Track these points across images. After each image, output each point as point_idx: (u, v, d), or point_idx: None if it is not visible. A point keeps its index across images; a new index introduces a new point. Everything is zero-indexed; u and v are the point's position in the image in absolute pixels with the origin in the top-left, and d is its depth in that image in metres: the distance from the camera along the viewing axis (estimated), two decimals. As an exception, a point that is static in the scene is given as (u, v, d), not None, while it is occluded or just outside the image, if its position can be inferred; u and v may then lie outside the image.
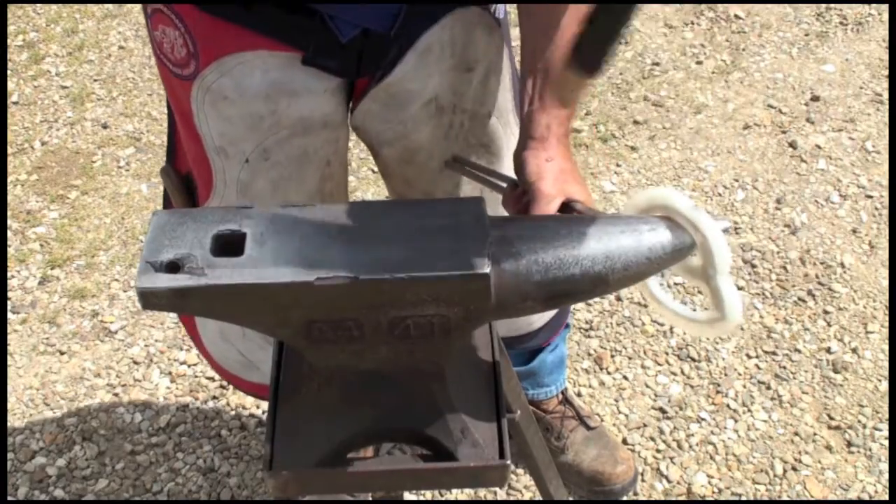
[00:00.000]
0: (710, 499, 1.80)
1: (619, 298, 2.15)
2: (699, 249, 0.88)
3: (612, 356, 2.04)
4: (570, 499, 1.80)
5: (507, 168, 1.35)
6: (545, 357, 1.71)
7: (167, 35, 1.13)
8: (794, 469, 1.83)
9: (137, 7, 3.10)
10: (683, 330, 2.07)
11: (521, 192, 1.07)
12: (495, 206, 1.33)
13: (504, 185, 1.16)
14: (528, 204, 1.03)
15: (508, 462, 0.91)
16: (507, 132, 1.30)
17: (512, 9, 1.22)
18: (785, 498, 1.80)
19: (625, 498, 1.80)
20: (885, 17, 2.97)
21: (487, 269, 0.80)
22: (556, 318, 1.63)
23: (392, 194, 1.42)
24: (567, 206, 1.02)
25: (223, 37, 1.10)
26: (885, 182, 2.42)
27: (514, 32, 1.21)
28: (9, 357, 2.08)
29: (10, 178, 2.54)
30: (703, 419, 1.92)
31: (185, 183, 1.30)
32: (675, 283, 2.18)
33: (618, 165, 2.50)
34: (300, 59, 1.11)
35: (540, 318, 1.59)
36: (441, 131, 1.25)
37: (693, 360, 2.03)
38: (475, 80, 1.22)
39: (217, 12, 1.08)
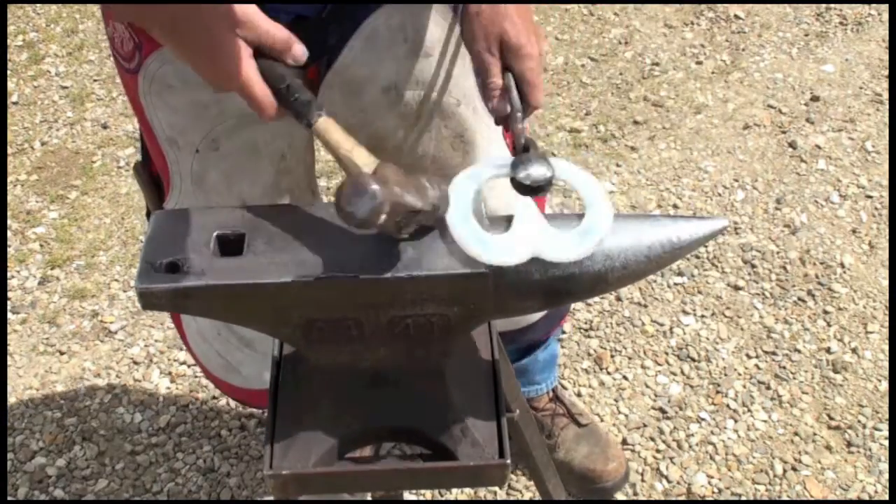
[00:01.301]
0: (710, 499, 1.80)
1: (618, 298, 2.15)
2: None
3: (612, 356, 2.04)
4: (570, 499, 1.80)
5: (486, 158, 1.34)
6: (537, 355, 1.71)
7: (116, 29, 1.15)
8: (793, 469, 1.83)
9: (137, 7, 3.10)
10: (680, 321, 2.07)
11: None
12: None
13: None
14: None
15: (508, 461, 0.91)
16: (476, 119, 1.28)
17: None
18: (785, 498, 1.80)
19: (623, 498, 1.80)
20: (885, 17, 2.97)
21: (487, 269, 0.80)
22: (555, 311, 1.63)
23: None
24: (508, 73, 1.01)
25: None
26: (885, 182, 2.42)
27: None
28: (9, 357, 2.08)
29: (10, 178, 2.54)
30: (702, 419, 1.92)
31: (155, 181, 1.30)
32: (675, 284, 2.18)
33: (618, 165, 2.50)
34: None
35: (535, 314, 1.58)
36: (406, 122, 1.24)
37: (693, 360, 2.03)
38: (436, 67, 1.21)
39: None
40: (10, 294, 2.22)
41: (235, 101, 1.14)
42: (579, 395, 1.97)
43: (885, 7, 2.99)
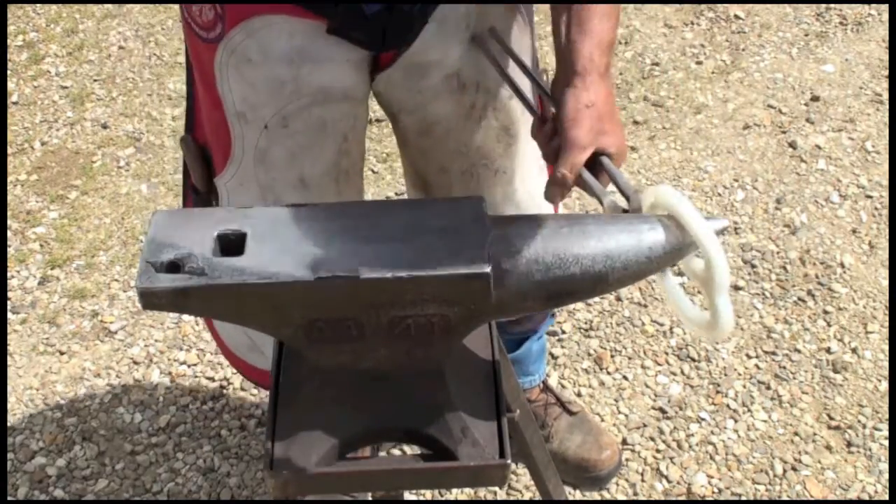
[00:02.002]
0: (710, 499, 1.80)
1: (619, 298, 2.15)
2: (704, 264, 0.88)
3: (612, 356, 2.04)
4: (570, 499, 1.80)
5: (526, 154, 1.35)
6: (531, 345, 1.72)
7: None
8: (793, 469, 1.83)
9: (137, 7, 3.10)
10: (680, 321, 2.08)
11: (551, 130, 1.05)
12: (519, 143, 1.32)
13: (529, 98, 1.17)
14: (559, 147, 1.01)
15: (509, 461, 0.91)
16: (524, 113, 1.30)
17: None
18: (785, 498, 1.80)
19: (623, 497, 1.80)
20: (885, 17, 2.97)
21: (488, 269, 0.80)
22: None
23: (406, 165, 1.43)
24: (597, 161, 1.00)
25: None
26: (885, 182, 2.42)
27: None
28: (9, 357, 2.08)
29: (10, 178, 2.54)
30: (702, 419, 1.92)
31: (202, 152, 1.31)
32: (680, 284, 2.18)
33: (618, 165, 2.50)
34: (325, 28, 1.13)
35: None
36: (462, 110, 1.26)
37: (693, 360, 2.03)
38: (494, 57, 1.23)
39: None
40: (10, 294, 2.22)
41: (311, 79, 1.16)
42: (579, 395, 1.97)
43: (885, 7, 2.99)
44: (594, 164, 1.00)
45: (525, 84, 1.22)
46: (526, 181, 1.39)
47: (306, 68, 1.15)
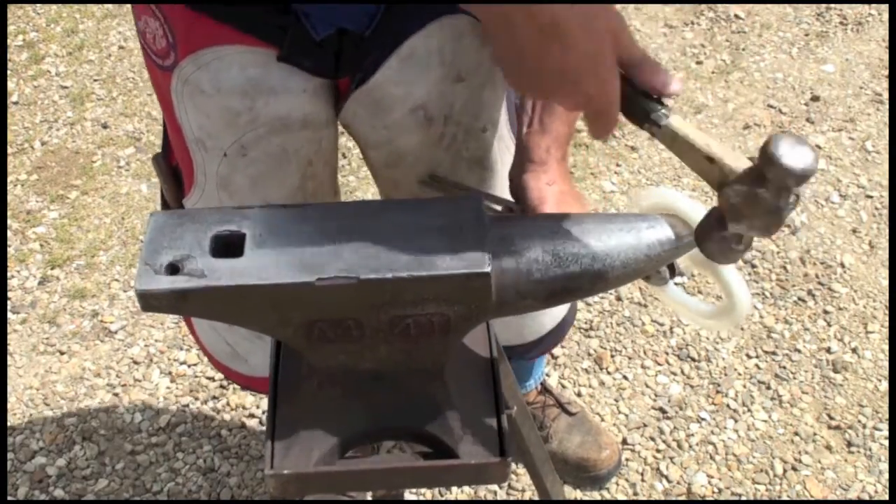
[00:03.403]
0: (710, 499, 1.80)
1: (619, 298, 2.15)
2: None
3: (612, 356, 2.04)
4: (568, 498, 1.80)
5: (502, 186, 1.34)
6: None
7: (149, 25, 1.13)
8: (794, 469, 1.83)
9: (137, 7, 3.10)
10: (696, 325, 2.07)
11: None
12: None
13: (498, 207, 1.15)
14: None
15: (509, 459, 0.91)
16: (500, 146, 1.28)
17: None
18: (785, 498, 1.80)
19: (623, 497, 1.80)
20: (885, 17, 2.97)
21: (488, 268, 0.80)
22: (560, 328, 1.62)
23: (380, 193, 1.41)
24: None
25: (199, 30, 1.09)
26: (885, 182, 2.42)
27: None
28: (9, 357, 2.08)
29: (10, 178, 2.54)
30: (703, 419, 1.92)
31: (174, 173, 1.30)
32: (675, 284, 2.17)
33: (618, 165, 2.50)
34: (276, 56, 1.10)
35: (543, 327, 1.58)
36: (431, 140, 1.22)
37: (693, 360, 2.03)
38: (468, 92, 1.20)
39: (194, 6, 1.08)
40: (10, 294, 2.22)
41: (268, 109, 1.14)
42: (579, 395, 1.97)
43: (885, 7, 2.99)
44: None
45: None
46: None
47: (261, 100, 1.12)
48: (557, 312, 1.57)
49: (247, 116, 1.14)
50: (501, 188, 1.32)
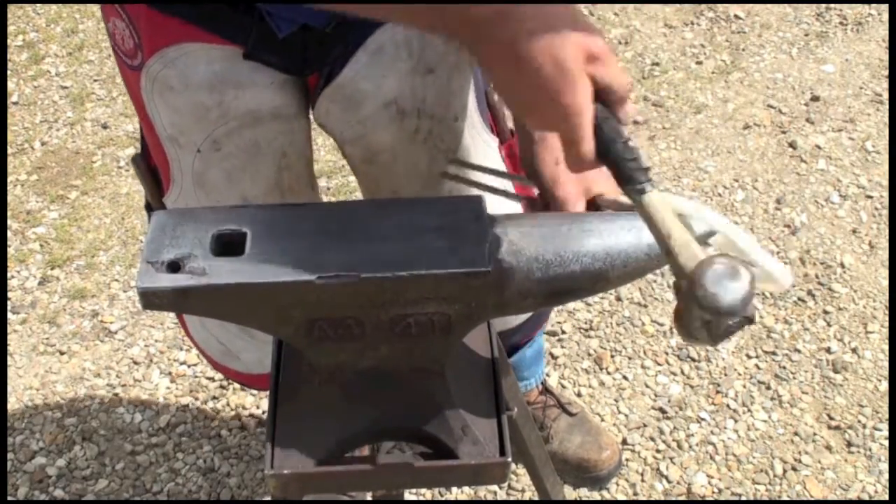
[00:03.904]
0: (710, 499, 1.80)
1: (619, 298, 2.15)
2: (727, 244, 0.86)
3: (612, 356, 2.04)
4: (568, 499, 1.80)
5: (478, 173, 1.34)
6: (525, 352, 1.71)
7: (117, 26, 1.14)
8: (794, 469, 1.83)
9: (137, 7, 3.10)
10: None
11: (542, 204, 1.05)
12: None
13: (509, 192, 1.14)
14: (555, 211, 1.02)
15: (509, 459, 0.91)
16: (472, 134, 1.28)
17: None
18: (785, 498, 1.80)
19: (623, 497, 1.80)
20: (885, 17, 2.97)
21: (488, 267, 0.80)
22: (538, 314, 1.63)
23: (363, 192, 1.41)
24: (594, 204, 1.01)
25: (164, 29, 1.10)
26: (885, 182, 2.42)
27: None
28: (9, 357, 2.08)
29: (10, 179, 2.54)
30: (703, 419, 1.92)
31: (152, 173, 1.30)
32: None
33: (618, 165, 2.50)
34: (241, 53, 1.11)
35: (521, 315, 1.58)
36: (405, 135, 1.23)
37: (693, 360, 2.03)
38: (438, 83, 1.20)
39: (157, 6, 1.09)
40: (10, 294, 2.22)
41: (237, 103, 1.15)
42: (579, 395, 1.97)
43: (885, 7, 2.99)
44: (594, 206, 1.02)
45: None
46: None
47: (230, 94, 1.13)
48: None
49: (217, 111, 1.15)
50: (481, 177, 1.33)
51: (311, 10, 1.08)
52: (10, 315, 2.17)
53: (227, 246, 0.83)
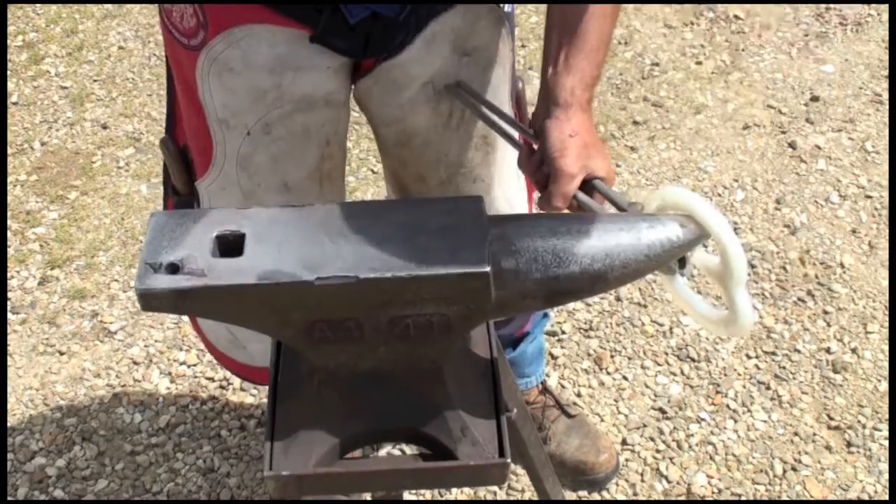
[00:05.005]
0: (710, 499, 1.80)
1: (618, 299, 2.15)
2: (721, 260, 0.88)
3: (612, 356, 2.04)
4: (568, 499, 1.80)
5: (504, 161, 1.35)
6: (525, 348, 1.72)
7: (176, 5, 1.15)
8: (793, 469, 1.83)
9: (137, 7, 3.10)
10: (696, 323, 2.08)
11: (539, 159, 1.06)
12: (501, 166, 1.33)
13: (515, 134, 1.16)
14: (548, 177, 1.02)
15: (508, 460, 0.91)
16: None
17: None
18: (785, 498, 1.80)
19: (623, 497, 1.80)
20: (885, 17, 2.97)
21: (487, 268, 0.80)
22: None
23: (386, 171, 1.43)
24: (588, 184, 1.01)
25: (233, 8, 1.12)
26: (885, 182, 2.42)
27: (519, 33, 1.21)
28: (8, 357, 2.08)
29: (9, 179, 2.54)
30: (702, 419, 1.92)
31: (182, 155, 1.30)
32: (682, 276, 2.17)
33: (618, 166, 2.50)
34: (307, 36, 1.13)
35: None
36: (440, 119, 1.25)
37: (693, 360, 2.03)
38: (474, 68, 1.23)
39: None
40: (10, 294, 2.22)
41: (294, 87, 1.16)
42: (579, 395, 1.97)
43: (885, 7, 2.99)
44: (586, 186, 1.02)
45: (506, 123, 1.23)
46: (504, 188, 1.39)
47: (288, 77, 1.15)
48: None
49: (273, 94, 1.17)
50: (501, 161, 1.35)
51: None
52: (9, 315, 2.17)
53: (227, 247, 0.83)
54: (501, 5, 1.22)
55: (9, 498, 1.82)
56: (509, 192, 1.40)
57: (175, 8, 1.16)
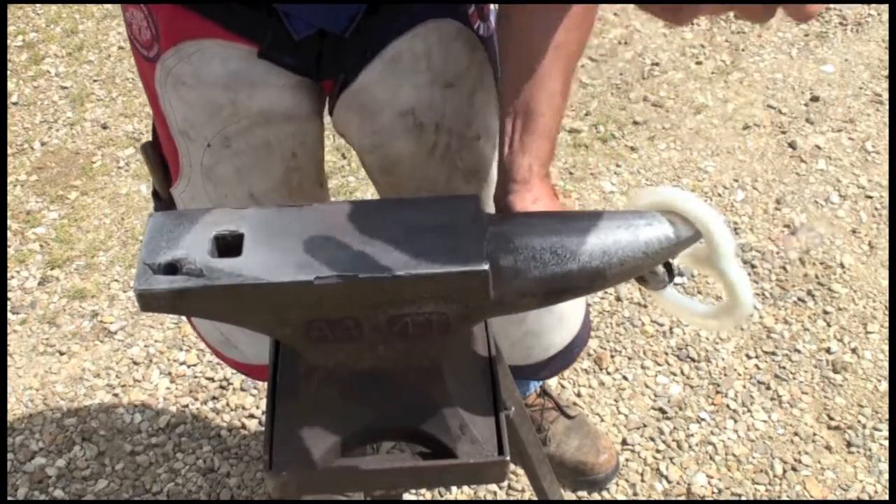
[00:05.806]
0: (710, 499, 1.80)
1: (618, 299, 2.15)
2: (705, 240, 0.88)
3: (612, 356, 2.04)
4: (567, 499, 1.80)
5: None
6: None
7: (135, 16, 1.15)
8: (793, 469, 1.83)
9: (137, 8, 3.11)
10: (697, 326, 2.07)
11: None
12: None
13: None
14: None
15: (508, 458, 0.91)
16: (495, 156, 1.26)
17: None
18: (785, 498, 1.80)
19: (623, 497, 1.80)
20: (885, 17, 2.97)
21: (486, 266, 0.80)
22: (569, 351, 1.60)
23: (379, 195, 1.41)
24: None
25: (182, 23, 1.10)
26: (885, 182, 2.42)
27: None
28: (9, 357, 2.08)
29: (10, 179, 2.54)
30: (702, 419, 1.92)
31: (162, 162, 1.30)
32: (675, 284, 2.17)
33: (618, 166, 2.50)
34: (256, 52, 1.12)
35: (552, 348, 1.56)
36: (423, 149, 1.22)
37: (693, 360, 2.03)
38: (458, 98, 1.19)
39: (177, 2, 1.09)
40: (10, 294, 2.22)
41: (250, 103, 1.15)
42: (579, 395, 1.97)
43: (885, 7, 2.99)
44: None
45: None
46: None
47: (243, 93, 1.13)
48: (567, 334, 1.55)
49: (229, 109, 1.15)
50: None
51: (328, 14, 1.09)
52: (9, 315, 2.18)
53: (225, 247, 0.83)
54: (476, 28, 1.18)
55: (9, 498, 1.82)
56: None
57: (134, 20, 1.15)
